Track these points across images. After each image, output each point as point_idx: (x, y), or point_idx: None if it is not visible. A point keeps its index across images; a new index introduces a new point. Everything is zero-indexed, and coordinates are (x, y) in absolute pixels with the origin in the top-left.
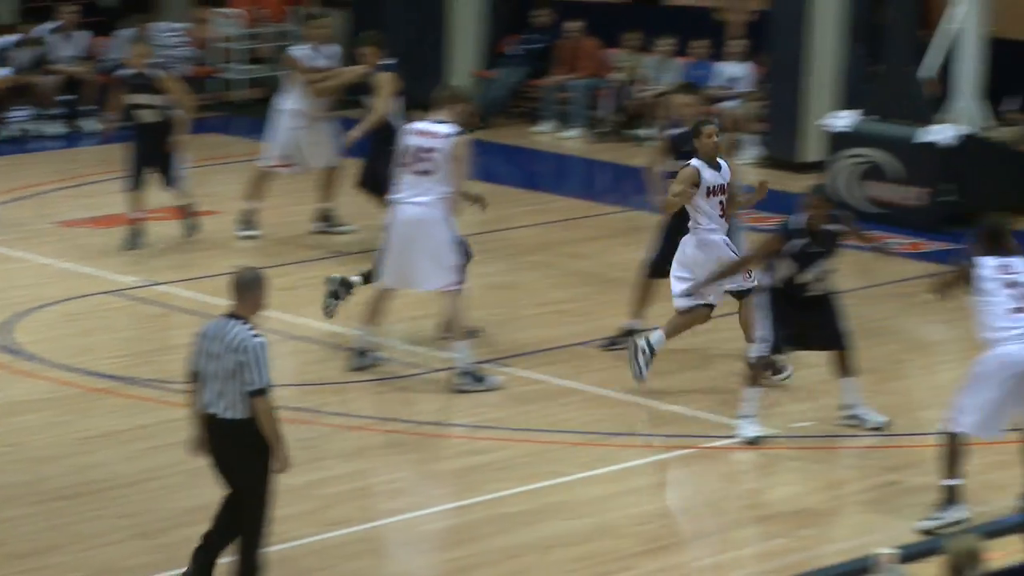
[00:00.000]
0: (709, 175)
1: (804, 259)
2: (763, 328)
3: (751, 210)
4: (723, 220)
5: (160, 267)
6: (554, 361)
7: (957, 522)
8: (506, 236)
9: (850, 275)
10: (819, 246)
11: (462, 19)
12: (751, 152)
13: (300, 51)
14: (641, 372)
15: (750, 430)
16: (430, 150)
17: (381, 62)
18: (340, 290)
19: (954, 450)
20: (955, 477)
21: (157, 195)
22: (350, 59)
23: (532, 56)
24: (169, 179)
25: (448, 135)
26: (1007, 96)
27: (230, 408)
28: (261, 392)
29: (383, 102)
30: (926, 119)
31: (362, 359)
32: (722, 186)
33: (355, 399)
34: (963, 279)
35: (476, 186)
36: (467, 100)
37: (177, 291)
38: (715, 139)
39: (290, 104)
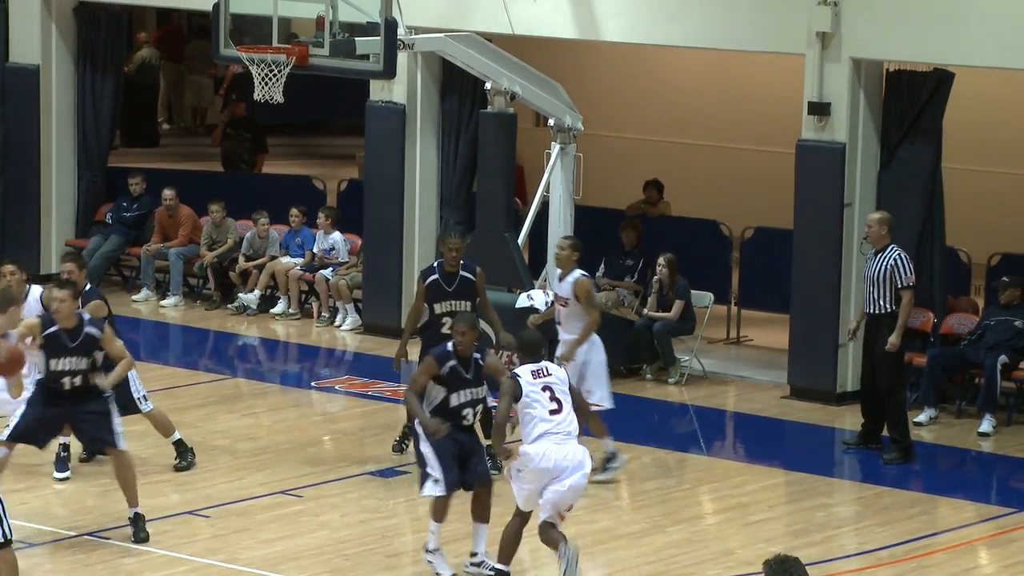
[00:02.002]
0: None
1: (454, 383)
2: (432, 467)
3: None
4: None
5: None
6: (160, 531)
7: None
8: None
9: None
10: (467, 371)
11: (55, 187)
12: (350, 320)
13: None
14: None
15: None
16: None
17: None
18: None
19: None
20: None
21: None
22: None
23: (129, 223)
24: None
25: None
26: (596, 261)
27: None
28: (5, 544)
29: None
30: (523, 285)
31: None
32: None
33: None
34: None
35: None
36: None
37: None
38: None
39: None
